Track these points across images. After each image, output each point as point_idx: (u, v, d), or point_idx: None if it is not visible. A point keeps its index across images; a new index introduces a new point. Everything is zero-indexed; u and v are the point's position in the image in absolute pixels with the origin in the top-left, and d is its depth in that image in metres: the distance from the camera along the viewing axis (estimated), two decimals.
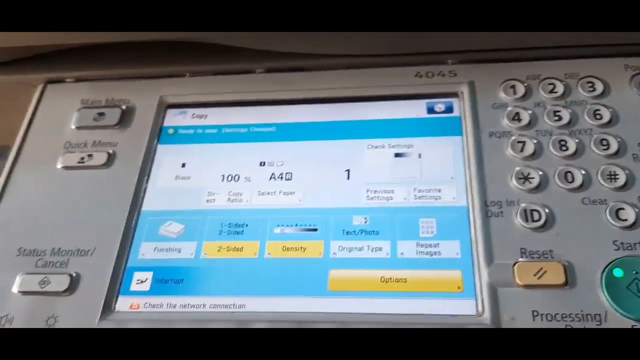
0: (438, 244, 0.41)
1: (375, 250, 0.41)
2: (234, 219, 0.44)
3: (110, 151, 0.48)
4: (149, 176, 0.47)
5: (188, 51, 0.52)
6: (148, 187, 0.46)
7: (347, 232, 0.42)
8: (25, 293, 0.41)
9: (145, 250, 0.43)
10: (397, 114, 0.48)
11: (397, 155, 0.46)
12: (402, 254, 0.41)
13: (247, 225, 0.43)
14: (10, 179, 0.47)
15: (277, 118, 0.49)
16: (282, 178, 0.45)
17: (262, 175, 0.46)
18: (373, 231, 0.42)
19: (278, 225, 0.43)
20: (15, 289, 0.42)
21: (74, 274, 0.42)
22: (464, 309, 0.38)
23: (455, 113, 0.47)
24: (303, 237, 0.42)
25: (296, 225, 0.43)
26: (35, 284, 0.42)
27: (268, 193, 0.45)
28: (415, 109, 0.48)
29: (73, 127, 0.50)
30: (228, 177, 0.46)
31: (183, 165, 0.47)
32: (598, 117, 0.44)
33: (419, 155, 0.45)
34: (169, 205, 0.45)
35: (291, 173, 0.46)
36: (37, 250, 0.44)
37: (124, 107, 0.50)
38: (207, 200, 0.45)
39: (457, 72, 0.48)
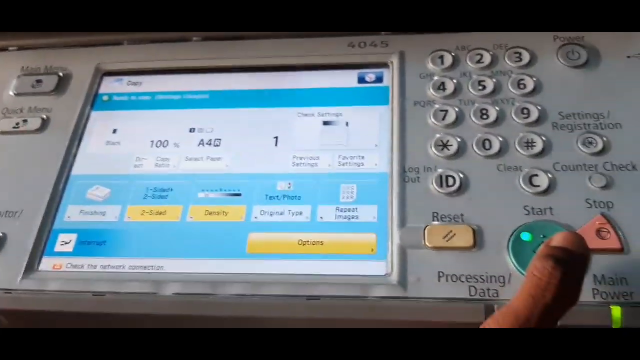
0: (356, 208, 0.42)
1: (296, 214, 0.42)
2: (159, 184, 0.44)
3: (44, 116, 0.48)
4: (80, 141, 0.47)
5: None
6: (79, 152, 0.47)
7: (270, 197, 0.43)
8: None
9: (71, 213, 0.44)
10: (328, 83, 0.48)
11: (325, 123, 0.46)
12: (321, 217, 0.42)
13: (171, 189, 0.44)
14: None
15: (211, 85, 0.49)
16: (210, 144, 0.46)
17: (191, 141, 0.46)
18: (295, 196, 0.43)
19: (202, 190, 0.44)
20: None
21: (1, 234, 0.42)
22: (375, 269, 0.39)
23: (385, 83, 0.47)
24: (226, 201, 0.43)
25: (220, 190, 0.44)
26: None
27: (195, 159, 0.45)
28: (347, 79, 0.48)
29: (11, 93, 0.50)
30: (157, 142, 0.46)
31: (114, 131, 0.48)
32: (522, 86, 0.44)
33: (347, 124, 0.46)
34: (97, 170, 0.46)
35: (220, 139, 0.46)
36: None
37: (61, 74, 0.51)
38: (135, 166, 0.46)
39: (389, 43, 0.49)
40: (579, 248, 0.32)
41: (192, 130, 0.47)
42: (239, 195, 0.43)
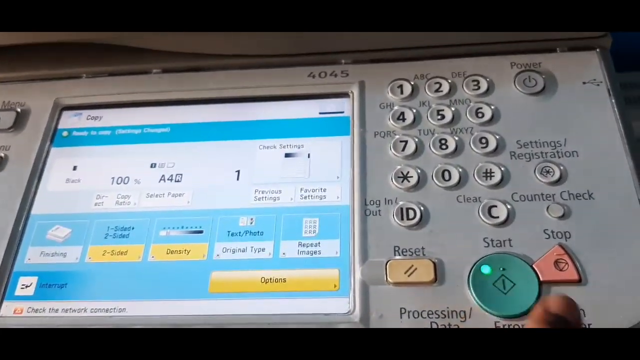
0: (319, 242, 0.42)
1: (258, 251, 0.42)
2: (120, 222, 0.44)
3: (2, 155, 0.48)
4: (39, 179, 0.47)
5: (84, 52, 0.51)
6: (38, 190, 0.46)
7: (232, 234, 0.43)
8: None
9: (31, 255, 0.43)
10: (289, 114, 0.48)
11: (287, 155, 0.46)
12: (284, 254, 0.42)
13: (133, 228, 0.44)
14: None
15: (171, 119, 0.49)
16: (172, 180, 0.46)
17: (152, 177, 0.46)
18: (258, 232, 0.43)
19: (164, 228, 0.44)
20: None
21: None
22: (337, 307, 0.39)
23: (346, 113, 0.47)
24: (188, 239, 0.43)
25: (182, 227, 0.43)
26: None
27: (157, 195, 0.45)
28: (307, 109, 0.48)
29: None
30: (118, 179, 0.46)
31: (74, 168, 0.47)
32: (480, 115, 0.45)
33: (308, 155, 0.46)
34: (58, 209, 0.45)
35: (181, 174, 0.46)
36: None
37: (19, 110, 0.50)
38: (96, 204, 0.45)
39: (349, 72, 0.49)
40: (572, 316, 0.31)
41: (153, 165, 0.46)
42: (200, 232, 0.43)
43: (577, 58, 0.47)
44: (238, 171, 0.46)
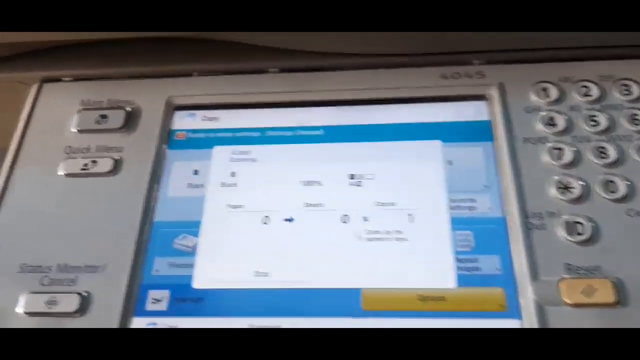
0: (477, 258, 0.39)
1: None
2: None
3: (117, 157, 0.44)
4: (159, 184, 0.43)
5: (195, 48, 0.48)
6: (159, 196, 0.43)
7: None
8: (32, 314, 0.38)
9: (159, 266, 0.40)
10: (422, 118, 0.45)
11: None
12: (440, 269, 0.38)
13: None
14: (7, 188, 0.44)
15: (294, 121, 0.46)
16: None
17: (298, 186, 0.43)
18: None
19: None
20: (20, 310, 0.38)
21: (84, 293, 0.39)
22: None
23: (485, 117, 0.44)
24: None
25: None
26: (41, 304, 0.38)
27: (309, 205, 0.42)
28: (442, 113, 0.45)
29: (73, 130, 0.46)
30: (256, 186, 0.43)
31: (195, 172, 0.44)
32: (636, 122, 0.42)
33: (450, 162, 0.42)
34: (181, 215, 0.42)
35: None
36: (42, 266, 0.40)
37: (128, 109, 0.47)
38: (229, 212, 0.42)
39: (484, 73, 0.45)
40: None
41: (299, 172, 0.44)
42: None
43: None
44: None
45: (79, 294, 0.39)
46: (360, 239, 0.40)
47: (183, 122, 0.47)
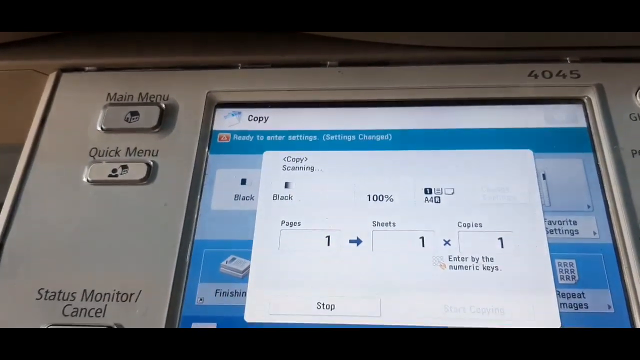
0: (583, 293, 0.32)
1: None
2: None
3: (150, 162, 0.38)
4: (200, 195, 0.37)
5: (241, 36, 0.42)
6: (201, 209, 0.36)
7: None
8: None
9: (203, 294, 0.34)
10: (507, 122, 0.38)
11: None
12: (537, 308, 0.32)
13: None
14: (21, 195, 0.37)
15: (357, 124, 0.39)
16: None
17: (360, 197, 0.37)
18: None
19: None
20: None
21: (115, 326, 0.32)
22: None
23: (580, 123, 0.38)
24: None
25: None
26: None
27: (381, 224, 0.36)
28: (531, 117, 0.39)
29: (99, 128, 0.40)
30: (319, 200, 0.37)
31: (243, 181, 0.37)
32: None
33: (544, 176, 0.36)
34: (228, 234, 0.36)
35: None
36: (63, 292, 0.34)
37: (163, 105, 0.40)
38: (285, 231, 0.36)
39: (580, 73, 0.39)
40: None
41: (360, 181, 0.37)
42: None
43: None
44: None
45: (109, 327, 0.32)
46: (442, 267, 0.34)
47: (226, 121, 0.40)
